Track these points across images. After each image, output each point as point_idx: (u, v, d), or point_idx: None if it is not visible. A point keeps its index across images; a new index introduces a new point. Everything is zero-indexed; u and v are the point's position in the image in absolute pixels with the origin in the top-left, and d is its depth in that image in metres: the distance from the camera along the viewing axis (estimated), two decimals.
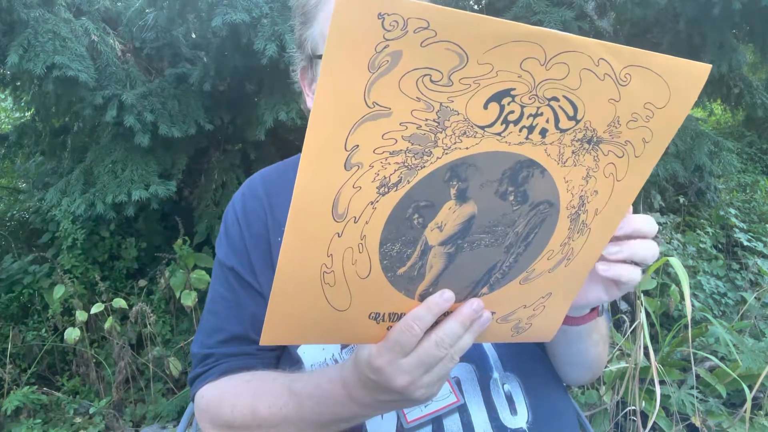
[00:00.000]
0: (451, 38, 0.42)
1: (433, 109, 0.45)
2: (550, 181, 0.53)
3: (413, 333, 0.54)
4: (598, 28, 2.64)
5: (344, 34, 0.40)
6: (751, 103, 3.19)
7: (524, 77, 0.46)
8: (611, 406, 2.22)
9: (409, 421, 0.74)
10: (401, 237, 0.52)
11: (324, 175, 0.47)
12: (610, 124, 0.51)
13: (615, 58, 0.47)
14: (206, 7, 2.54)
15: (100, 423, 2.72)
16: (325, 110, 0.44)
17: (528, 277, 0.59)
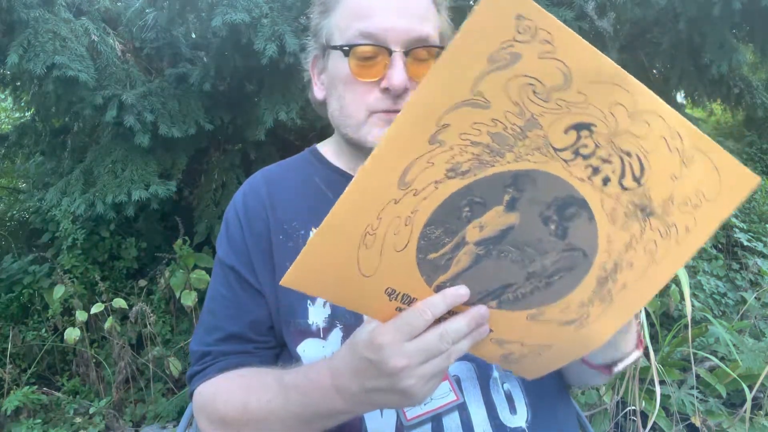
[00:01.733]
0: (565, 59, 0.45)
1: (524, 117, 0.48)
2: (593, 231, 0.55)
3: (425, 317, 0.55)
4: (598, 28, 2.64)
5: (481, 21, 0.43)
6: (751, 103, 3.18)
7: (608, 120, 0.48)
8: (611, 406, 2.22)
9: (408, 419, 0.74)
10: (446, 224, 0.54)
11: (409, 140, 0.49)
12: (666, 199, 0.53)
13: (687, 134, 0.49)
14: (206, 7, 2.54)
15: (100, 423, 2.72)
16: (435, 82, 0.46)
17: (536, 317, 0.60)
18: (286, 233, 0.86)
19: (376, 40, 0.78)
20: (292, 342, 0.82)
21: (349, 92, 0.82)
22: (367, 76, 0.80)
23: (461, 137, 0.49)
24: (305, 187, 0.92)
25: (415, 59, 0.80)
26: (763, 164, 5.65)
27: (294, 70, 2.58)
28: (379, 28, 0.78)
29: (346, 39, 0.81)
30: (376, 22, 0.78)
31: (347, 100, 0.83)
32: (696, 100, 3.32)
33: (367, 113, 0.82)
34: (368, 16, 0.79)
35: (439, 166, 0.50)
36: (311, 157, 0.97)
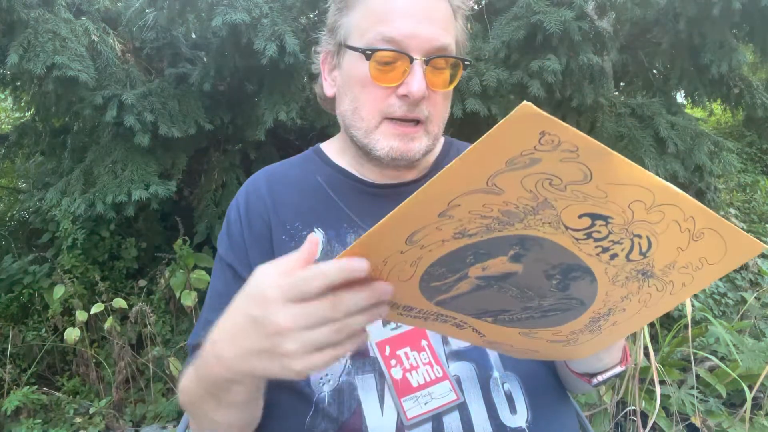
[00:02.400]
0: (588, 162, 0.46)
1: (537, 200, 0.49)
2: (593, 289, 0.58)
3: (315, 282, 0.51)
4: (598, 28, 2.64)
5: (505, 133, 0.44)
6: (751, 103, 3.18)
7: (626, 214, 0.50)
8: (611, 406, 2.22)
9: (408, 419, 0.74)
10: (450, 266, 0.56)
11: (419, 213, 0.50)
12: (668, 265, 0.55)
13: (700, 217, 0.51)
14: (206, 7, 2.54)
15: (100, 423, 2.72)
16: (451, 176, 0.47)
17: (528, 334, 0.65)
18: (289, 233, 0.86)
19: (398, 46, 0.78)
20: None
21: (364, 94, 0.82)
22: (385, 80, 0.79)
23: (471, 213, 0.50)
24: (308, 186, 0.92)
25: (433, 68, 0.80)
26: (763, 164, 5.65)
27: (294, 70, 2.58)
28: (402, 34, 0.78)
29: (366, 41, 0.80)
30: (399, 28, 0.78)
31: (362, 102, 0.83)
32: (696, 100, 3.32)
33: (380, 118, 0.82)
34: (391, 20, 0.78)
35: (446, 231, 0.52)
36: (314, 156, 0.97)
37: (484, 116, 2.51)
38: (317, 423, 0.75)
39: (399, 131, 0.82)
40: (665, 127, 2.70)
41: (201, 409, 0.71)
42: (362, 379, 0.77)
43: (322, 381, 0.78)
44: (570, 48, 2.45)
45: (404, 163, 0.84)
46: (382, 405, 0.75)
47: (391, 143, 0.82)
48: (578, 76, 2.63)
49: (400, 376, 0.77)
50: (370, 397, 0.76)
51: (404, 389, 0.76)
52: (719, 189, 4.45)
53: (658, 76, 3.60)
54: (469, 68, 2.52)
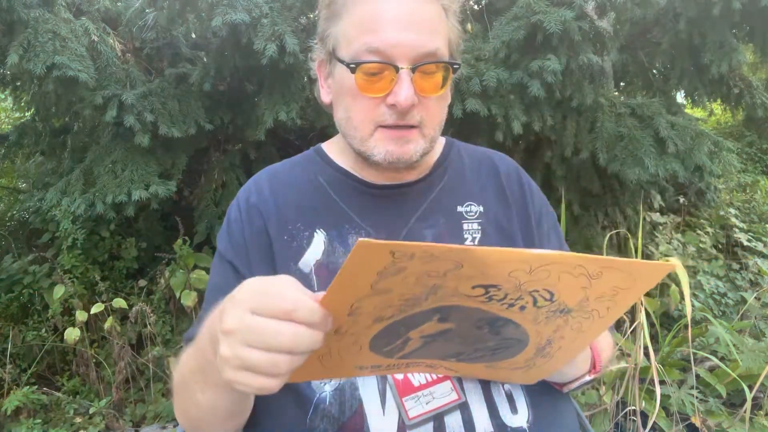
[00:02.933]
0: (449, 258, 0.51)
1: (426, 287, 0.54)
2: (523, 331, 0.62)
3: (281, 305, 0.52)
4: (598, 28, 2.64)
5: (363, 260, 0.48)
6: (751, 103, 3.18)
7: (510, 281, 0.54)
8: (611, 406, 2.22)
9: (410, 418, 0.74)
10: (389, 338, 0.61)
11: (336, 312, 0.54)
12: (581, 301, 0.58)
13: (590, 264, 0.54)
14: (206, 7, 2.54)
15: (100, 423, 2.72)
16: (336, 293, 0.52)
17: (493, 366, 0.71)
18: (290, 233, 0.86)
19: (383, 57, 0.77)
20: None
21: (356, 105, 0.82)
22: (373, 91, 0.79)
23: (375, 307, 0.55)
24: (309, 186, 0.92)
25: (422, 73, 0.79)
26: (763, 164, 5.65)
27: (294, 70, 2.58)
28: (386, 44, 0.77)
29: (352, 52, 0.79)
30: (383, 38, 0.77)
31: (354, 112, 0.83)
32: (696, 100, 3.32)
33: (373, 127, 0.82)
34: (375, 30, 0.78)
35: (364, 320, 0.56)
36: (316, 156, 0.97)
37: (484, 116, 2.51)
38: (318, 423, 0.75)
39: (394, 135, 0.82)
40: (665, 127, 2.70)
41: (189, 388, 0.72)
42: (363, 379, 0.77)
43: (324, 381, 0.78)
44: (570, 48, 2.45)
45: (402, 165, 0.84)
46: (383, 405, 0.75)
47: (387, 148, 0.82)
48: (578, 76, 2.62)
49: (402, 376, 0.77)
50: (372, 396, 0.76)
51: (406, 389, 0.76)
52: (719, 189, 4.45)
53: (658, 76, 3.60)
54: (469, 68, 2.52)
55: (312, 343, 0.52)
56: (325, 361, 0.61)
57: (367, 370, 0.67)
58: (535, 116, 2.64)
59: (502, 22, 2.57)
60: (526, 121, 2.58)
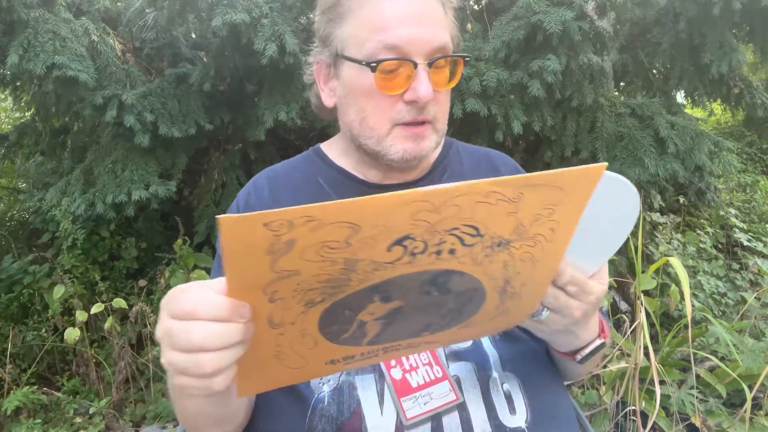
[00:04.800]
0: (338, 220, 0.47)
1: (338, 264, 0.49)
2: (470, 278, 0.57)
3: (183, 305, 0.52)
4: (598, 28, 2.64)
5: (239, 240, 0.45)
6: (751, 103, 3.18)
7: (419, 224, 0.49)
8: (611, 406, 2.22)
9: (408, 418, 0.74)
10: (336, 322, 0.56)
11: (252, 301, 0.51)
12: (515, 229, 0.54)
13: (504, 188, 0.50)
14: (206, 7, 2.54)
15: (100, 423, 2.72)
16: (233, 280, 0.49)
17: (468, 325, 0.66)
18: None
19: (400, 53, 0.77)
20: None
21: (371, 105, 0.81)
22: (390, 89, 0.79)
23: (296, 291, 0.51)
24: (309, 187, 0.92)
25: (435, 68, 0.80)
26: (763, 164, 5.65)
27: (294, 70, 2.58)
28: (402, 40, 0.77)
29: (367, 51, 0.79)
30: (399, 34, 0.77)
31: (369, 112, 0.82)
32: (696, 100, 3.32)
33: (390, 125, 0.82)
34: (389, 27, 0.78)
35: (295, 307, 0.52)
36: (315, 157, 0.97)
37: (484, 116, 2.51)
38: (317, 423, 0.76)
39: (410, 133, 0.82)
40: (665, 127, 2.70)
41: (175, 394, 0.72)
42: (362, 379, 0.77)
43: (322, 381, 0.78)
44: (570, 48, 2.45)
45: (416, 162, 0.85)
46: (381, 405, 0.75)
47: (404, 146, 0.82)
48: (578, 76, 2.62)
49: (400, 377, 0.77)
50: (370, 397, 0.76)
51: (404, 389, 0.76)
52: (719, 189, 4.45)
53: (658, 76, 3.60)
54: (469, 68, 2.52)
55: (228, 335, 0.51)
56: (286, 360, 0.59)
57: (340, 363, 0.64)
58: (535, 116, 2.64)
59: (502, 22, 2.57)
60: (526, 121, 2.58)
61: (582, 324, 0.74)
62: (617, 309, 3.02)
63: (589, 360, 0.80)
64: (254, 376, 0.60)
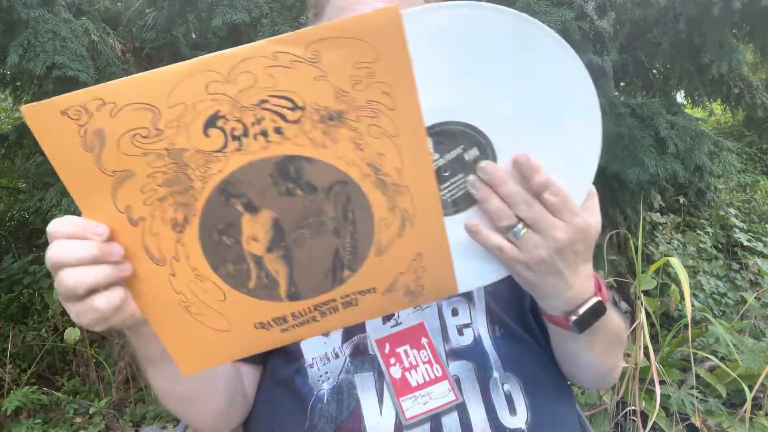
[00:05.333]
0: (130, 101, 0.47)
1: (163, 156, 0.50)
2: (324, 165, 0.54)
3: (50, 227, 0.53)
4: (598, 28, 2.64)
5: (46, 134, 0.47)
6: (751, 103, 3.18)
7: (219, 98, 0.49)
8: (611, 406, 2.22)
9: (407, 418, 0.74)
10: (226, 258, 0.55)
11: (118, 231, 0.52)
12: (337, 95, 0.51)
13: (288, 46, 0.48)
14: (206, 7, 2.54)
15: (100, 423, 2.72)
16: (80, 194, 0.51)
17: (380, 249, 0.59)
18: None
19: None
20: None
21: None
22: None
23: (147, 204, 0.52)
24: None
25: None
26: (763, 164, 5.65)
27: None
28: None
29: None
30: (357, 9, 0.76)
31: None
32: (696, 100, 3.32)
33: None
34: (351, 5, 0.77)
35: (164, 232, 0.53)
36: None
37: None
38: (316, 422, 0.75)
39: None
40: (665, 127, 2.70)
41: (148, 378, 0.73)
42: (361, 378, 0.77)
43: (322, 379, 0.78)
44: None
45: None
46: (381, 404, 0.75)
47: None
48: None
49: (399, 375, 0.77)
50: (369, 396, 0.76)
51: (403, 389, 0.76)
52: (719, 189, 4.45)
53: (658, 76, 3.60)
54: None
55: (80, 249, 0.52)
56: (204, 317, 0.57)
57: (274, 329, 0.60)
58: None
59: None
60: None
61: (570, 263, 0.62)
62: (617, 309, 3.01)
63: (588, 329, 0.67)
64: (184, 344, 0.59)
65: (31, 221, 3.74)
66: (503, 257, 0.62)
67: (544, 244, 0.59)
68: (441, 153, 0.59)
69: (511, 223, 0.59)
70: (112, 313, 0.54)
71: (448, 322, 0.81)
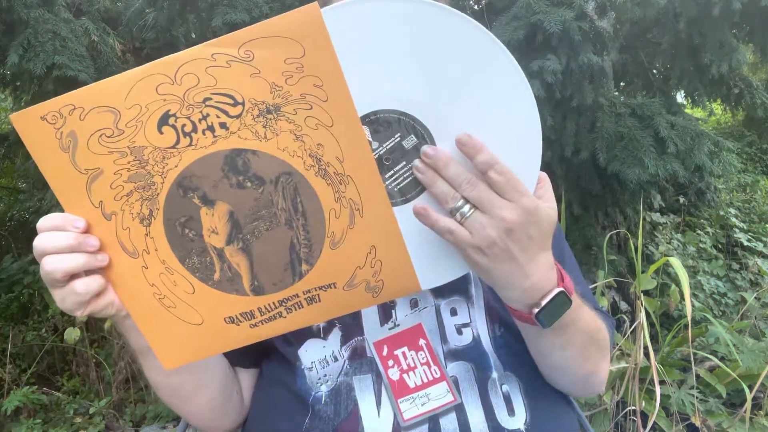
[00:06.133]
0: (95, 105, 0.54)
1: (126, 154, 0.56)
2: (268, 157, 0.57)
3: None
4: (598, 28, 2.64)
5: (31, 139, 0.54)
6: (751, 103, 3.18)
7: (168, 98, 0.55)
8: (611, 406, 2.22)
9: (405, 420, 0.74)
10: (191, 251, 0.60)
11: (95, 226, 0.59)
12: (272, 90, 0.55)
13: (223, 47, 0.53)
14: (206, 7, 2.54)
15: (100, 423, 2.72)
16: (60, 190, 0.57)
17: (334, 241, 0.61)
18: None
19: None
20: (293, 344, 0.82)
21: None
22: None
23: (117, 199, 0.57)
24: None
25: None
26: (763, 164, 5.65)
27: None
28: None
29: None
30: None
31: None
32: (696, 100, 3.32)
33: None
34: None
35: (133, 226, 0.58)
36: None
37: None
38: (316, 423, 0.75)
39: None
40: (665, 127, 2.70)
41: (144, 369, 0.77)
42: (359, 380, 0.77)
43: (321, 381, 0.78)
44: (570, 48, 2.45)
45: None
46: (379, 406, 0.75)
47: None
48: (578, 76, 2.62)
49: (397, 377, 0.77)
50: (367, 397, 0.76)
51: (401, 390, 0.76)
52: (719, 189, 4.45)
53: (658, 76, 3.60)
54: None
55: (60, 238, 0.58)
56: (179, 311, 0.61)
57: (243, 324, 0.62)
58: None
59: (502, 22, 2.57)
60: None
61: (523, 247, 0.59)
62: (617, 309, 3.02)
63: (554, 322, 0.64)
64: (163, 337, 0.63)
65: (31, 221, 3.74)
66: (454, 241, 0.60)
67: (492, 224, 0.58)
68: (380, 141, 0.60)
69: (457, 205, 0.59)
70: (90, 296, 0.60)
71: (446, 322, 0.81)
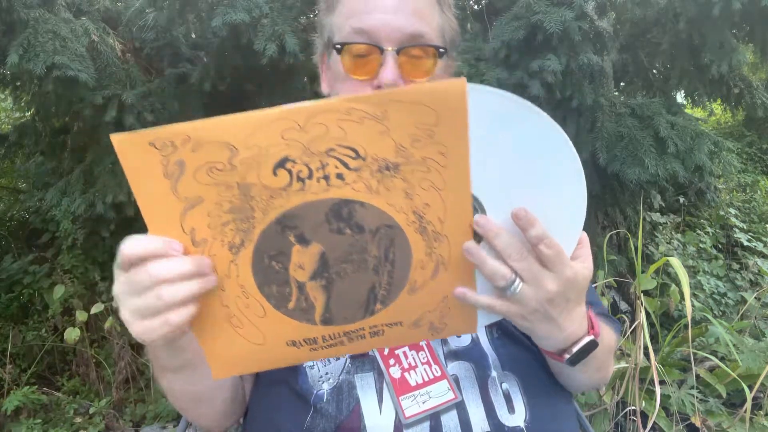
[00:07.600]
0: (214, 139, 0.53)
1: (233, 188, 0.55)
2: (375, 210, 0.59)
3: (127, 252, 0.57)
4: (598, 28, 2.64)
5: (132, 161, 0.53)
6: (751, 103, 3.18)
7: (292, 144, 0.54)
8: (611, 406, 2.22)
9: (407, 417, 0.74)
10: (272, 280, 0.60)
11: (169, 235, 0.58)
12: (396, 150, 0.56)
13: (362, 104, 0.53)
14: (206, 7, 2.54)
15: (100, 423, 2.72)
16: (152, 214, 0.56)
17: (413, 288, 0.64)
18: None
19: (368, 38, 0.79)
20: None
21: (344, 89, 0.83)
22: (360, 74, 0.80)
23: (210, 227, 0.57)
24: None
25: (408, 57, 0.80)
26: (763, 164, 5.65)
27: (294, 70, 2.59)
28: (371, 26, 0.78)
29: (342, 36, 0.81)
30: (369, 19, 0.79)
31: None
32: (696, 100, 3.32)
33: None
34: (363, 12, 0.79)
35: (221, 253, 0.58)
36: None
37: None
38: (318, 421, 0.76)
39: None
40: (665, 127, 2.70)
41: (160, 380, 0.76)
42: (361, 378, 0.77)
43: (322, 379, 0.78)
44: (570, 48, 2.45)
45: None
46: (380, 404, 0.76)
47: None
48: (578, 76, 2.62)
49: (399, 375, 0.77)
50: (369, 395, 0.76)
51: (402, 388, 0.76)
52: (719, 189, 4.45)
53: (658, 76, 3.60)
54: (470, 68, 2.52)
55: (181, 265, 0.56)
56: (243, 329, 0.62)
57: (303, 348, 0.64)
58: None
59: (502, 22, 2.57)
60: None
61: (562, 309, 0.64)
62: (617, 309, 3.02)
63: (581, 361, 0.69)
64: (221, 352, 0.63)
65: (31, 221, 3.74)
66: (496, 313, 0.65)
67: (536, 296, 0.62)
68: None
69: (507, 283, 0.62)
70: (181, 327, 0.57)
71: None
